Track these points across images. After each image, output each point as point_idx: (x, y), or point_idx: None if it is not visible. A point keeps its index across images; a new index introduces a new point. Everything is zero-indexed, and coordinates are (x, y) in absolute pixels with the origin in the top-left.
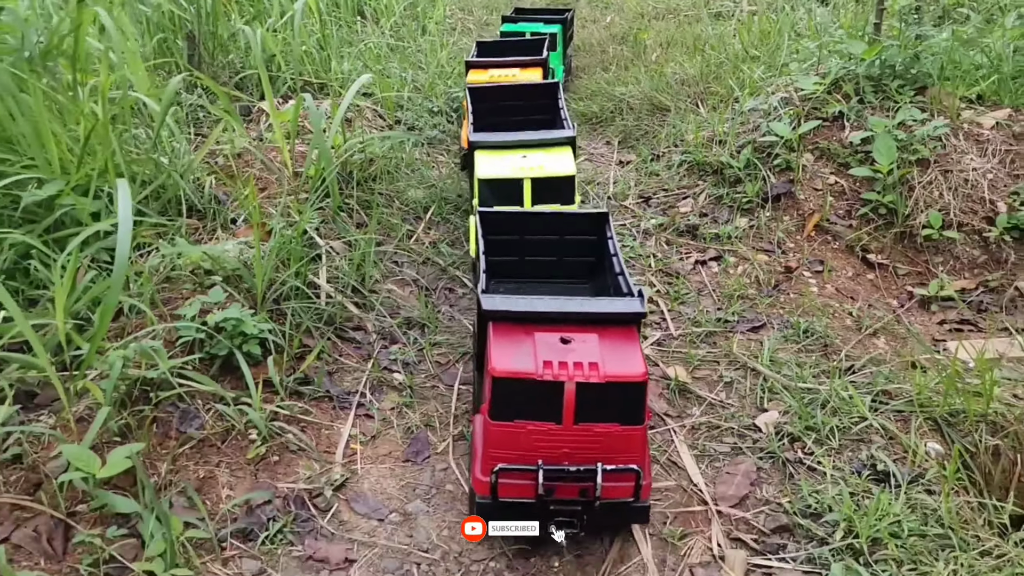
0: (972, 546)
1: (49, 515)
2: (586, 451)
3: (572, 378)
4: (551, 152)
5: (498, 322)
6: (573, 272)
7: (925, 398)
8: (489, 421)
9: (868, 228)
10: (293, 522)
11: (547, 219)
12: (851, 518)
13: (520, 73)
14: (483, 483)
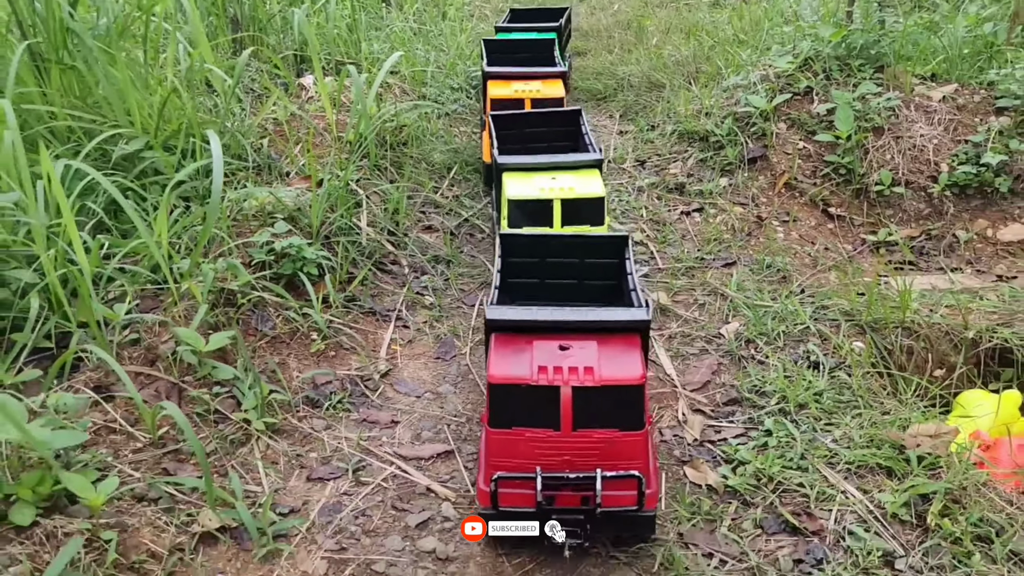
0: (875, 407)
1: (166, 380)
2: (586, 458)
3: (567, 382)
4: (580, 174)
5: (500, 333)
6: (593, 295)
7: (855, 310)
8: (489, 429)
9: (829, 185)
10: (349, 396)
11: (567, 242)
12: (784, 390)
13: (543, 87)
14: (484, 493)
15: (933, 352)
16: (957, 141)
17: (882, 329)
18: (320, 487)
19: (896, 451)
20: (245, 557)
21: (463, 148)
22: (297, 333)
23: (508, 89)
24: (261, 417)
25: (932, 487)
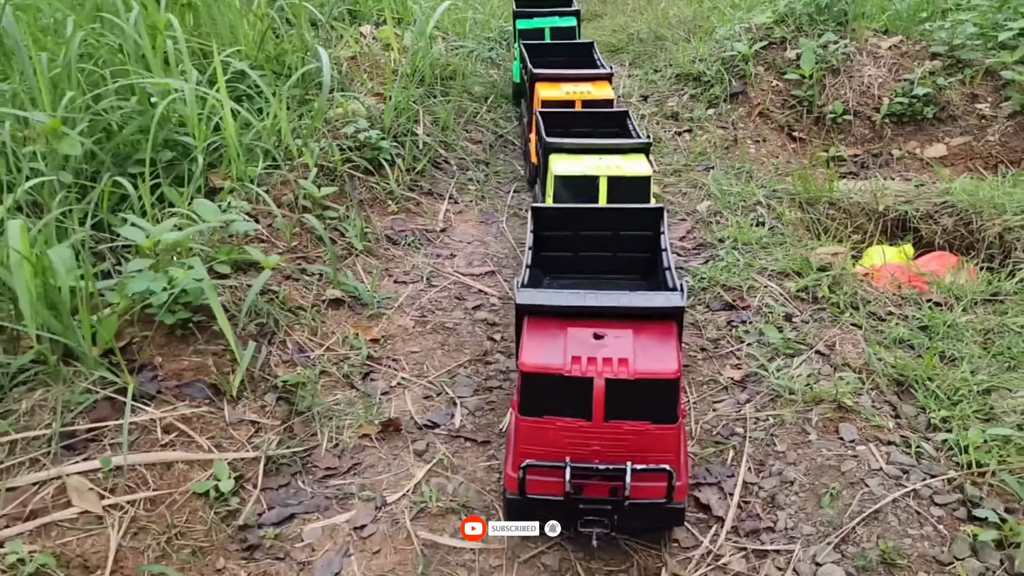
0: (798, 244)
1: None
2: (617, 449)
3: (601, 374)
4: (627, 157)
5: (533, 317)
6: (628, 268)
7: (796, 192)
8: (520, 416)
9: (793, 114)
10: (418, 240)
11: (601, 215)
12: (736, 236)
13: (593, 89)
14: (512, 479)
15: (851, 221)
16: (897, 80)
17: (815, 204)
18: (404, 287)
19: (805, 263)
20: (359, 316)
21: (498, 83)
22: (377, 200)
23: (558, 91)
24: (361, 241)
25: (822, 276)
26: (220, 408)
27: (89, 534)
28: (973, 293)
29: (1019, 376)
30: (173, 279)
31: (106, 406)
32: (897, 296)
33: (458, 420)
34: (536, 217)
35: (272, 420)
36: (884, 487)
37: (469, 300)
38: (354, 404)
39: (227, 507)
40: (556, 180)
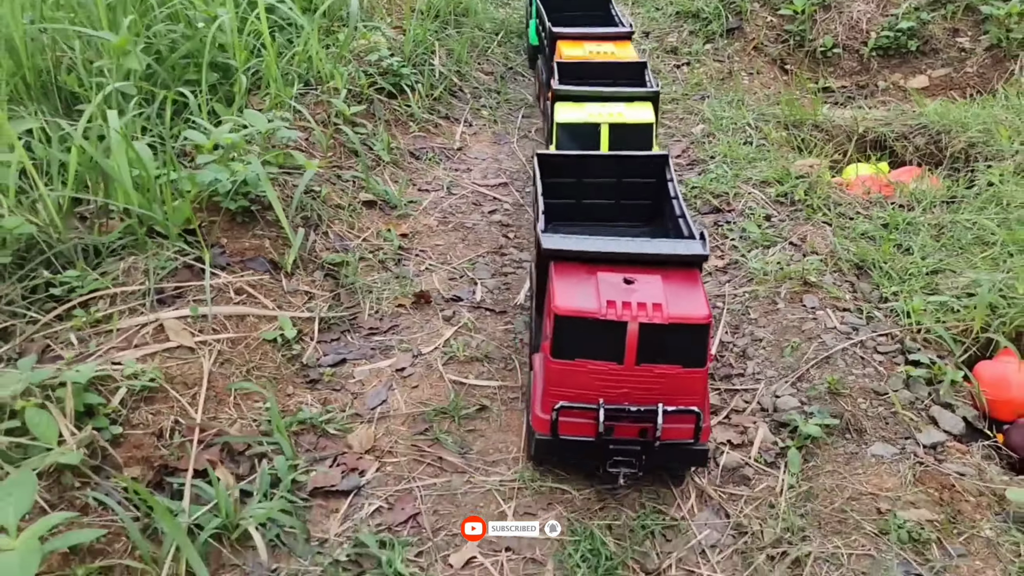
0: (780, 159)
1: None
2: (646, 392)
3: (635, 318)
4: (632, 105)
5: (560, 262)
6: (632, 215)
7: (783, 116)
8: (551, 359)
9: (786, 48)
10: (438, 156)
11: (606, 161)
12: (726, 153)
13: (616, 48)
14: (543, 421)
15: (833, 141)
16: (884, 16)
17: (800, 126)
18: (427, 194)
19: (785, 173)
20: (389, 215)
21: (507, 20)
22: (399, 120)
23: (581, 49)
24: (387, 154)
25: (799, 183)
26: (279, 280)
27: (186, 361)
28: (932, 197)
29: (963, 261)
30: (235, 171)
31: (186, 272)
32: (865, 200)
33: (479, 295)
34: (541, 164)
35: (321, 291)
36: (836, 340)
37: (485, 206)
38: (389, 282)
39: (291, 351)
40: (559, 128)
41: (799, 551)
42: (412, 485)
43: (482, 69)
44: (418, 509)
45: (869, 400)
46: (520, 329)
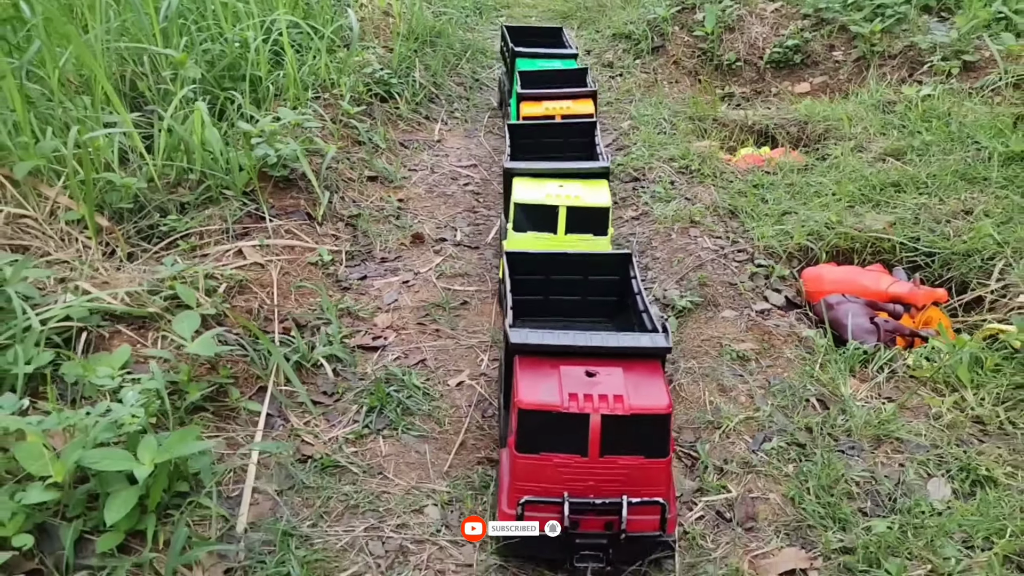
0: (685, 142)
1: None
2: (611, 483)
3: (597, 410)
4: (588, 184)
5: (524, 356)
6: (596, 311)
7: (691, 113)
8: (516, 454)
9: (699, 62)
10: (422, 146)
11: (572, 260)
12: (644, 139)
13: (573, 105)
14: (509, 516)
15: (728, 131)
16: (776, 35)
17: (704, 120)
18: (415, 172)
19: (687, 151)
20: (388, 187)
21: (473, 41)
22: (390, 119)
23: (539, 108)
24: (383, 142)
25: (695, 159)
26: (313, 226)
27: (259, 273)
28: (791, 166)
29: (805, 207)
30: (278, 150)
31: (248, 219)
32: (745, 170)
33: (459, 237)
34: (510, 262)
35: (344, 235)
36: (708, 255)
37: (460, 180)
38: (392, 229)
39: (328, 270)
40: (516, 207)
41: (672, 368)
42: (419, 345)
43: (454, 81)
44: (424, 357)
45: (724, 287)
46: (489, 257)
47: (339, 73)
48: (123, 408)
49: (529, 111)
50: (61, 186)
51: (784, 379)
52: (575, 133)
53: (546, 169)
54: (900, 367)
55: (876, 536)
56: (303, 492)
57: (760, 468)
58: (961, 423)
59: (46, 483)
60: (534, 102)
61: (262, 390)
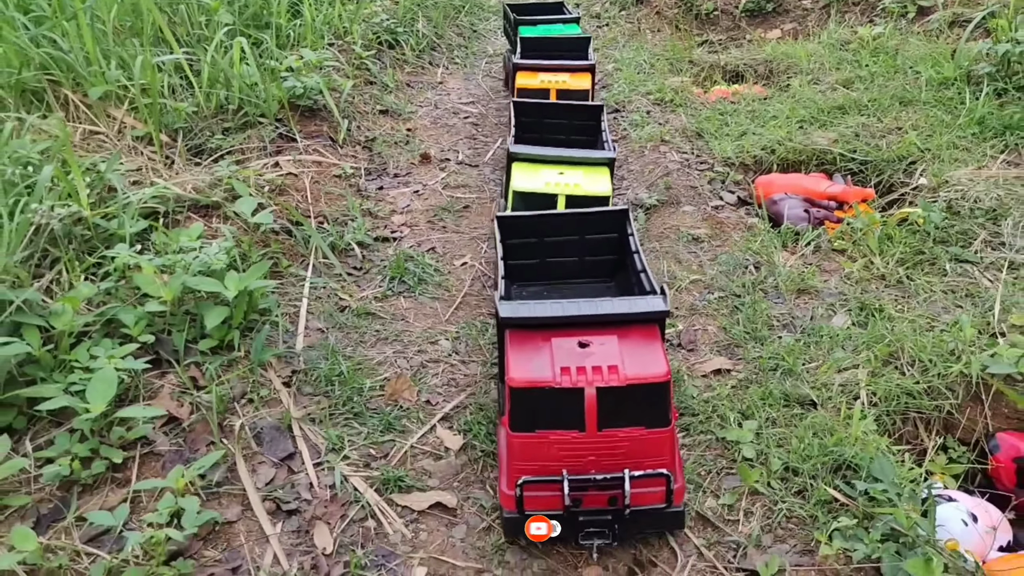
0: (660, 79)
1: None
2: (612, 458)
3: (591, 383)
4: (589, 171)
5: (516, 329)
6: (596, 271)
7: (669, 55)
8: (511, 433)
9: (680, 12)
10: (426, 87)
11: (566, 220)
12: (626, 78)
13: (570, 79)
14: (509, 497)
15: (706, 71)
16: None
17: (680, 62)
18: (421, 108)
19: (663, 86)
20: (397, 118)
21: None
22: (397, 63)
23: (535, 79)
24: (392, 82)
25: (669, 93)
26: (335, 148)
27: (294, 180)
28: (753, 97)
29: (762, 128)
30: (304, 83)
31: (280, 140)
32: (713, 102)
33: (461, 157)
34: (501, 226)
35: (362, 156)
36: (674, 165)
37: (461, 114)
38: (403, 152)
39: (350, 182)
40: (515, 195)
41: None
42: (429, 237)
43: (454, 31)
44: (434, 245)
45: (687, 190)
46: (487, 173)
47: (351, 22)
48: (211, 250)
49: (524, 82)
50: (127, 108)
51: (729, 253)
52: (582, 116)
53: (549, 156)
54: (824, 243)
55: (785, 346)
56: (344, 329)
57: (703, 311)
58: (867, 279)
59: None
60: (529, 73)
61: (305, 265)
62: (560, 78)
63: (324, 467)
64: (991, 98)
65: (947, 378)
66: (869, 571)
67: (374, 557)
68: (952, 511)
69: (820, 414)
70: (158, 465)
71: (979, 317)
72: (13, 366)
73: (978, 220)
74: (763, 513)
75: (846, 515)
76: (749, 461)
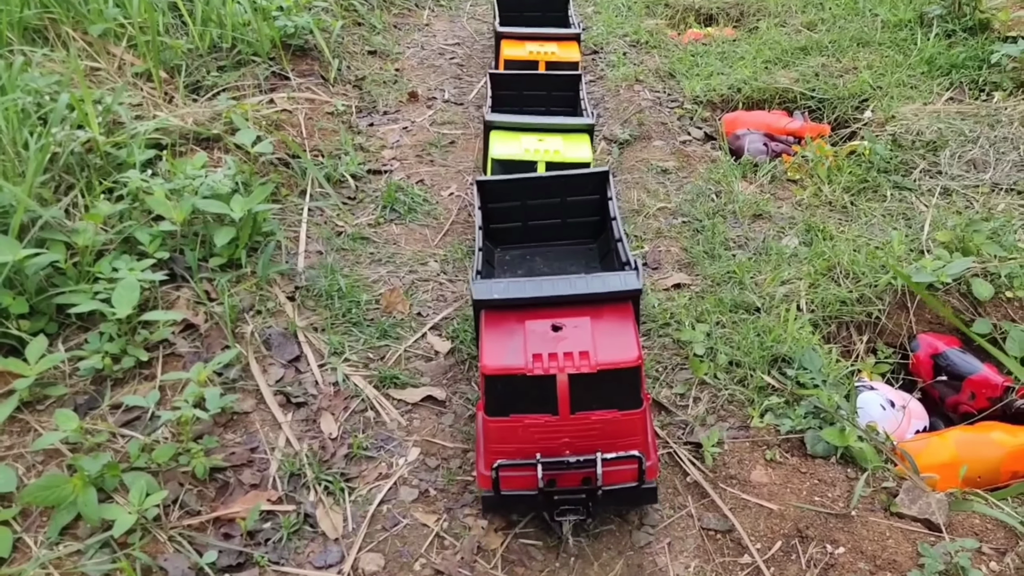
0: (637, 22)
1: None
2: (586, 440)
3: (563, 369)
4: (569, 138)
5: (490, 310)
6: (579, 233)
7: None
8: (486, 417)
9: None
10: (413, 28)
11: (548, 182)
12: (605, 21)
13: (558, 50)
14: (486, 477)
15: (680, 14)
16: None
17: (656, 5)
18: (408, 48)
19: (639, 28)
20: (385, 59)
21: None
22: (385, 6)
23: (522, 49)
24: (380, 23)
25: (645, 35)
26: (327, 86)
27: (289, 116)
28: (723, 39)
29: (730, 68)
30: (295, 21)
31: (274, 78)
32: (686, 44)
33: (447, 95)
34: (481, 191)
35: (352, 94)
36: (647, 103)
37: (447, 55)
38: (391, 91)
39: (342, 118)
40: (494, 162)
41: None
42: (417, 170)
43: None
44: (422, 178)
45: (657, 126)
46: (472, 111)
47: None
48: (218, 175)
49: (511, 53)
50: (126, 45)
51: (693, 183)
52: (560, 85)
53: (527, 123)
54: (780, 173)
55: (738, 263)
56: (341, 251)
57: (668, 235)
58: (816, 205)
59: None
60: (516, 42)
61: (302, 193)
62: (548, 48)
63: (327, 368)
64: (940, 39)
65: (877, 288)
66: (794, 441)
67: (374, 440)
68: (872, 397)
69: (763, 318)
70: (179, 364)
71: (911, 236)
72: (42, 277)
73: (919, 151)
74: (709, 399)
75: (777, 396)
76: (699, 357)
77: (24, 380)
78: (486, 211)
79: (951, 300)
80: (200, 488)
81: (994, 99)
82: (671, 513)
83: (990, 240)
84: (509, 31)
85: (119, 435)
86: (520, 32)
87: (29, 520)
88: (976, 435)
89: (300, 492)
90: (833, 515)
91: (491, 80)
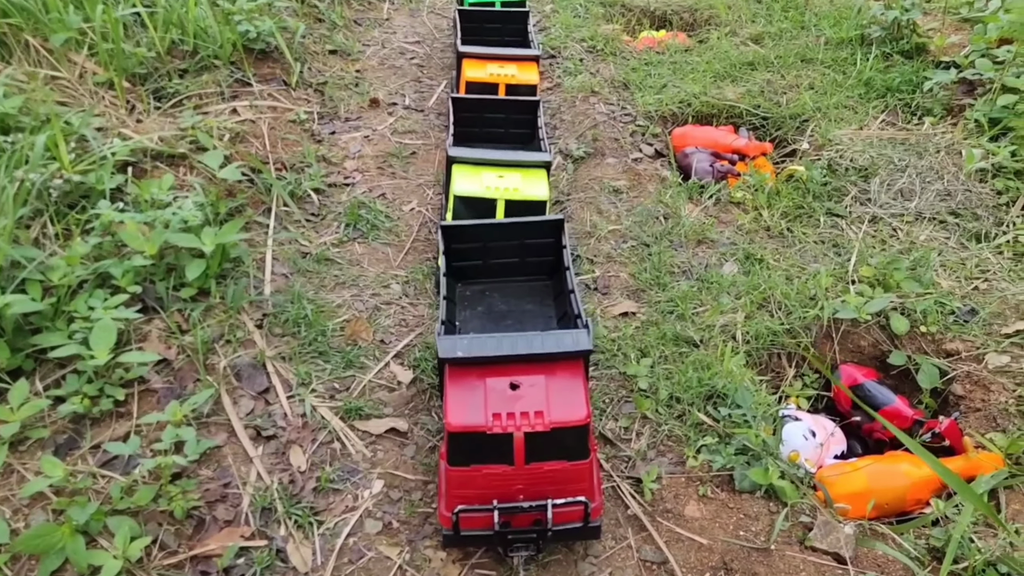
0: (595, 26)
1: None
2: (538, 486)
3: (520, 427)
4: (527, 174)
5: (454, 366)
6: (536, 270)
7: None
8: (448, 467)
9: None
10: (373, 24)
11: (506, 228)
12: (563, 22)
13: (518, 72)
14: (447, 518)
15: (633, 16)
16: None
17: (613, 6)
18: (368, 47)
19: (596, 33)
20: (346, 59)
21: None
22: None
23: (483, 71)
24: (340, 20)
25: (602, 39)
26: (289, 92)
27: (251, 126)
28: (676, 48)
29: (681, 80)
30: (256, 25)
31: (236, 84)
32: (641, 51)
33: (407, 101)
34: (445, 235)
35: (314, 99)
36: (601, 117)
37: (407, 55)
38: (353, 95)
39: (304, 127)
40: (456, 199)
41: (567, 199)
42: (379, 183)
43: None
44: (384, 191)
45: (611, 142)
46: (432, 119)
47: None
48: (188, 208)
49: (473, 74)
50: (87, 54)
51: (643, 205)
52: (519, 110)
53: (488, 159)
54: (724, 196)
55: (681, 292)
56: (306, 274)
57: (617, 259)
58: (755, 231)
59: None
60: (478, 62)
61: (267, 211)
62: (508, 71)
63: (295, 399)
64: (879, 60)
65: (806, 320)
66: (725, 476)
67: (340, 472)
68: (795, 428)
69: (702, 352)
70: (154, 400)
71: (839, 267)
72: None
73: (851, 178)
74: (650, 433)
75: (711, 435)
76: (643, 392)
77: (9, 427)
78: (449, 253)
79: (871, 333)
80: (178, 527)
81: (924, 125)
82: (613, 544)
83: (909, 278)
84: (470, 51)
85: (99, 475)
86: (481, 52)
87: (19, 565)
88: (886, 466)
89: (271, 527)
90: (755, 548)
91: (452, 104)
